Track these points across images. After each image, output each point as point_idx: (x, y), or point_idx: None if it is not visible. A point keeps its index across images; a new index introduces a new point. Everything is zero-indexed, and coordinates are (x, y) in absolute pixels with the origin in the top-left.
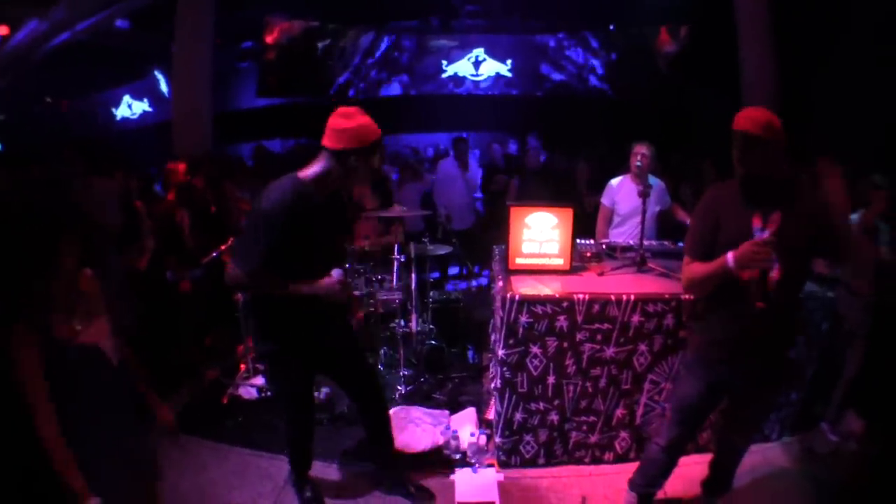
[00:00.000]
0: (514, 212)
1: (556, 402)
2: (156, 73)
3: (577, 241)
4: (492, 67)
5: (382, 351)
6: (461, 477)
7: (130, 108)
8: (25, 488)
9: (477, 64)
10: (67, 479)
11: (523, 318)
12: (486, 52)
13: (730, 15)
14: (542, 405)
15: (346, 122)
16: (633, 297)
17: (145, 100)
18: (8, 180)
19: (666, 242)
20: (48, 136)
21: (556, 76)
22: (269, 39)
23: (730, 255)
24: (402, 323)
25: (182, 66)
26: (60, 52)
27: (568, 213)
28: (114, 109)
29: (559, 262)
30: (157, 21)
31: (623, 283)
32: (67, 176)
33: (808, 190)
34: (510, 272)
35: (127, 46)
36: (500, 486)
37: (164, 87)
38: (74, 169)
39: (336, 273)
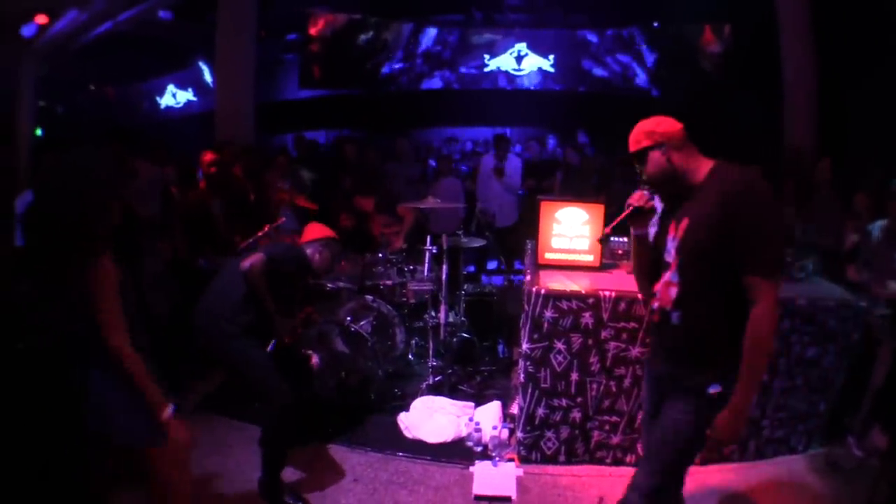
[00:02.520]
0: (545, 206)
1: (578, 400)
2: (200, 63)
3: (611, 238)
4: (534, 62)
5: (413, 341)
6: (480, 469)
7: (175, 97)
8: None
9: (519, 58)
10: (145, 388)
11: (548, 313)
12: (529, 47)
13: (771, 14)
14: (564, 402)
15: None
16: None
17: (189, 89)
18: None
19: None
20: (91, 124)
21: (599, 72)
22: (312, 31)
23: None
24: (433, 314)
25: (225, 58)
26: (104, 40)
27: (599, 209)
28: (158, 98)
29: (589, 258)
30: (200, 12)
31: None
32: (106, 159)
33: (721, 176)
34: (539, 267)
35: (171, 37)
36: (519, 480)
37: (208, 77)
38: (116, 156)
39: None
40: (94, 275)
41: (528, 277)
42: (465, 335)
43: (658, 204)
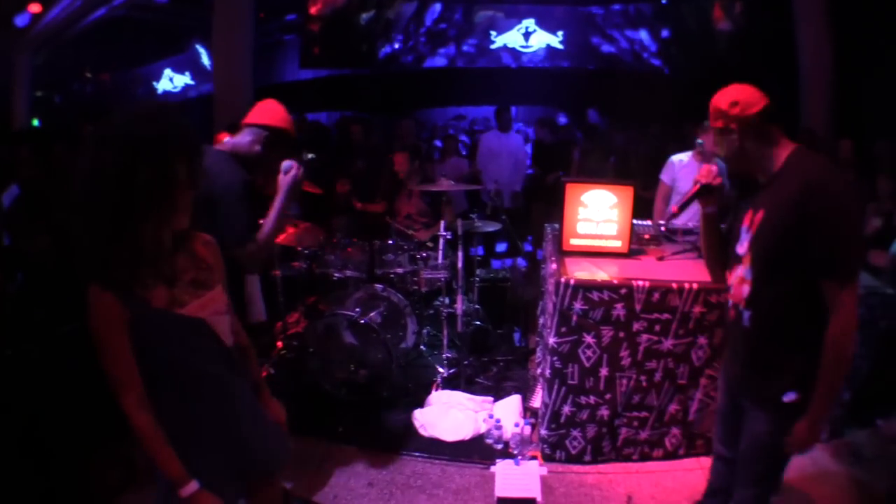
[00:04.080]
0: (570, 189)
1: (607, 396)
2: (197, 46)
3: (634, 222)
4: (542, 39)
5: (425, 331)
6: (502, 469)
7: (172, 81)
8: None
9: (527, 35)
10: (159, 461)
11: (578, 305)
12: (537, 23)
13: None
14: (592, 399)
15: None
16: (696, 286)
17: (187, 73)
18: (33, 157)
19: (724, 225)
20: (88, 112)
21: (609, 49)
22: (312, 11)
23: None
24: (447, 302)
25: (222, 39)
26: (100, 26)
27: (628, 192)
28: (155, 83)
29: (617, 244)
30: None
31: (684, 270)
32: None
33: (800, 167)
34: (564, 254)
35: (167, 20)
36: (543, 480)
37: (205, 60)
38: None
39: (285, 164)
40: (90, 307)
41: (553, 266)
42: (479, 323)
43: (726, 180)
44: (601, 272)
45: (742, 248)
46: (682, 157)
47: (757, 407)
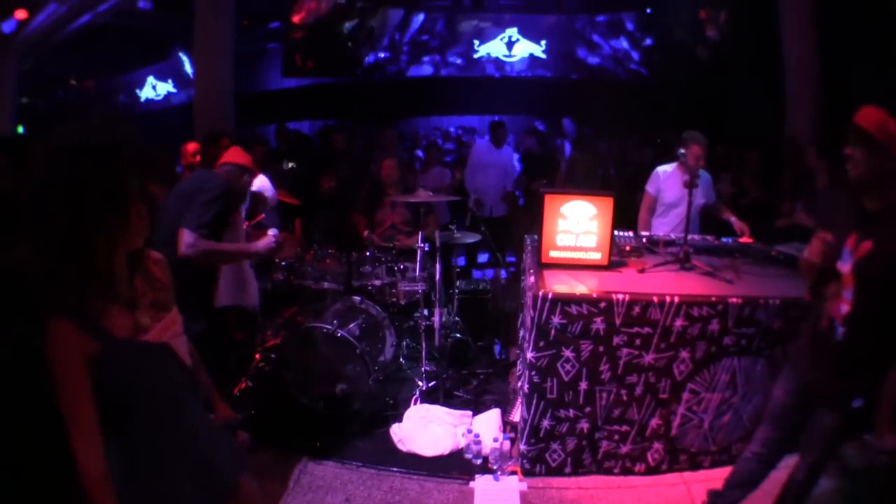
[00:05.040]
0: (549, 200)
1: (587, 410)
2: (180, 53)
3: (616, 233)
4: (525, 48)
5: (405, 344)
6: (481, 485)
7: (155, 89)
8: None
9: (510, 44)
10: None
11: (556, 319)
12: (520, 33)
13: (772, 2)
14: (571, 412)
15: None
16: (677, 299)
17: (169, 81)
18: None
19: (710, 237)
20: (72, 119)
21: (592, 59)
22: (296, 19)
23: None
24: (426, 314)
25: (203, 47)
26: (84, 34)
27: (608, 203)
28: (138, 91)
29: (597, 256)
30: (179, 1)
31: (665, 283)
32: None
33: None
34: (543, 266)
35: (150, 27)
36: (522, 496)
37: (188, 67)
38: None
39: (272, 231)
40: (48, 340)
41: (531, 279)
42: (458, 336)
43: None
44: (580, 285)
45: (844, 268)
46: (666, 168)
47: (829, 407)
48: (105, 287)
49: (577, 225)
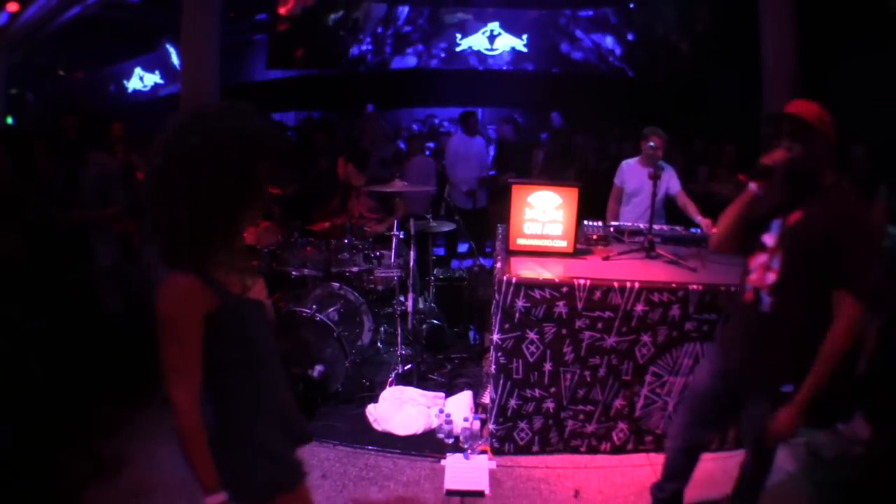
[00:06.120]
0: (516, 190)
1: (552, 390)
2: (167, 45)
3: (584, 222)
4: (507, 42)
5: (382, 329)
6: (452, 463)
7: (142, 80)
8: None
9: (492, 38)
10: (195, 464)
11: (520, 303)
12: (502, 27)
13: None
14: (537, 392)
15: None
16: (637, 285)
17: (157, 72)
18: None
19: (678, 228)
20: (60, 110)
21: (574, 53)
22: (281, 11)
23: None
24: (402, 300)
25: (190, 38)
26: (72, 25)
27: (573, 193)
28: (125, 82)
29: (562, 244)
30: None
31: (629, 270)
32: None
33: (840, 198)
34: (510, 253)
35: (138, 19)
36: (492, 474)
37: (175, 59)
38: (73, 142)
39: None
40: (169, 295)
41: (499, 265)
42: (434, 322)
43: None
44: (545, 271)
45: (771, 239)
46: (630, 161)
47: (758, 392)
48: (233, 252)
49: (543, 214)
